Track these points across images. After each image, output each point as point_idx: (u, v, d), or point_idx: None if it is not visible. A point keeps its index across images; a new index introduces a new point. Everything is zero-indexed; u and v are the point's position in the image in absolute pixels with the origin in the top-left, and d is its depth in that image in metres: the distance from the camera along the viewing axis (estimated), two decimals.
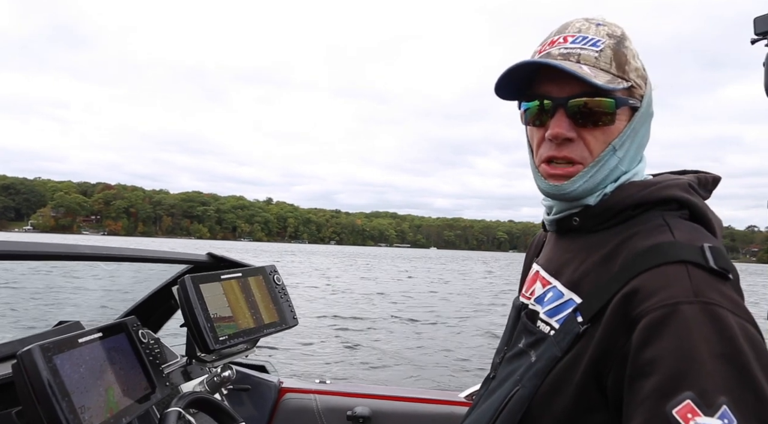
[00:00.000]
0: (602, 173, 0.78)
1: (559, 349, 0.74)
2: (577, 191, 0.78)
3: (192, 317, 1.38)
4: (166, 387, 1.35)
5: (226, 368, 1.53)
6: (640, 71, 0.80)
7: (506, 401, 0.78)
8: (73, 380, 1.01)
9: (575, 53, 0.77)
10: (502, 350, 0.91)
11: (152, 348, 1.37)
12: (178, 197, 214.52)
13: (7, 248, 0.99)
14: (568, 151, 0.78)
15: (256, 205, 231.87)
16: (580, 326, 0.72)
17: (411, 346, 8.51)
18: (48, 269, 9.76)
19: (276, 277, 1.75)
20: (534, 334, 0.81)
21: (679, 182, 0.80)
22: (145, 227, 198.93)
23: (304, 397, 1.89)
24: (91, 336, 1.13)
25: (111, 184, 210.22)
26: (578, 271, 0.78)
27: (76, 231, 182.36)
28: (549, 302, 0.81)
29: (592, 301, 0.72)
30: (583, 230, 0.81)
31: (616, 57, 0.77)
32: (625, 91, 0.77)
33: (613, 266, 0.73)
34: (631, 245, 0.74)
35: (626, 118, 0.79)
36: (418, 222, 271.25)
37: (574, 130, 0.77)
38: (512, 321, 0.92)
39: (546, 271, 0.86)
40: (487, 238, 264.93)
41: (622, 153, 0.79)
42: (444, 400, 1.88)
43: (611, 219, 0.79)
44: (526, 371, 0.77)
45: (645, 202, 0.78)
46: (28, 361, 0.94)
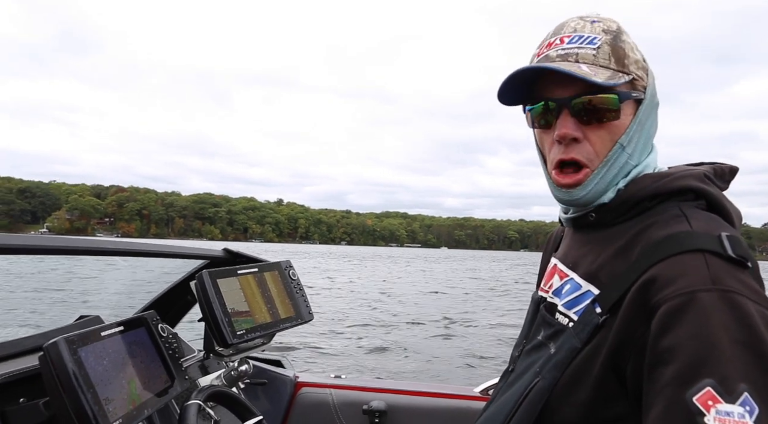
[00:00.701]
0: (612, 172, 0.78)
1: (578, 340, 0.74)
2: (588, 196, 0.79)
3: (210, 312, 1.40)
4: (185, 381, 1.37)
5: (243, 362, 1.55)
6: (640, 63, 0.80)
7: (526, 393, 0.78)
8: (97, 373, 1.03)
9: (573, 53, 0.78)
10: (521, 343, 0.91)
11: (171, 342, 1.39)
12: (190, 199, 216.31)
13: (34, 242, 1.02)
14: (575, 152, 0.78)
15: (267, 206, 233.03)
16: (598, 317, 0.72)
17: (426, 341, 8.51)
18: (67, 265, 9.93)
19: (291, 272, 1.76)
20: (553, 326, 0.81)
21: (694, 172, 0.80)
22: (158, 229, 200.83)
23: (320, 391, 1.91)
24: (113, 330, 1.15)
25: (124, 186, 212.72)
26: (595, 263, 0.79)
27: (90, 233, 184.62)
28: (567, 294, 0.81)
29: (610, 291, 0.73)
30: (600, 224, 0.82)
31: (614, 52, 0.77)
32: (627, 84, 0.78)
33: (630, 257, 0.74)
34: (648, 235, 0.74)
35: (631, 112, 0.79)
36: (429, 222, 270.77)
37: (580, 130, 0.78)
38: (531, 315, 0.92)
39: (563, 264, 0.87)
40: (497, 237, 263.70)
41: (630, 149, 0.79)
42: (459, 394, 1.88)
43: (627, 212, 0.79)
44: (546, 362, 0.77)
45: (660, 194, 0.77)
46: (55, 353, 0.96)
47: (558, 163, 0.80)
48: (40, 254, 1.03)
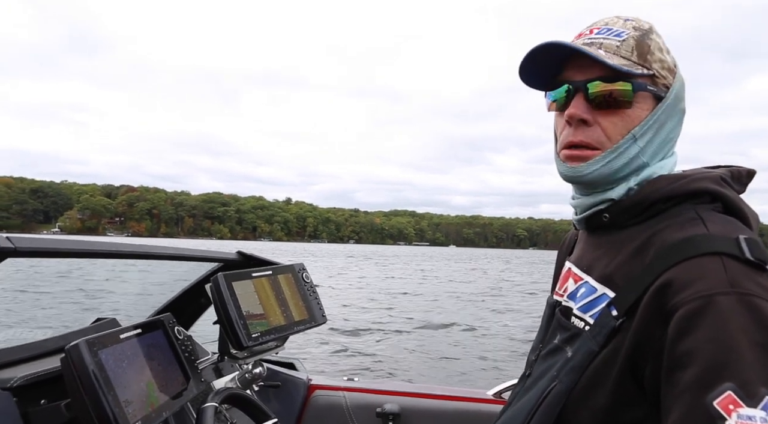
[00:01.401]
0: (620, 161, 0.78)
1: (595, 343, 0.73)
2: (593, 175, 0.79)
3: (225, 314, 1.41)
4: (200, 383, 1.39)
5: (257, 364, 1.56)
6: (666, 64, 0.80)
7: (543, 397, 0.77)
8: (117, 375, 1.04)
9: (597, 42, 0.79)
10: (537, 347, 0.91)
11: (186, 345, 1.40)
12: (199, 198, 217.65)
13: (50, 245, 1.03)
14: (584, 135, 0.79)
15: (276, 205, 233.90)
16: (615, 320, 0.72)
17: (439, 343, 8.49)
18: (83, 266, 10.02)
19: (305, 275, 1.77)
20: (569, 330, 0.80)
21: (710, 175, 0.79)
22: (168, 228, 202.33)
23: (333, 394, 1.91)
24: (131, 332, 1.16)
25: (134, 186, 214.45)
26: (610, 266, 0.78)
27: (101, 232, 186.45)
28: (582, 297, 0.81)
29: (626, 294, 0.72)
30: (614, 226, 0.81)
31: (638, 46, 0.78)
32: (646, 78, 0.77)
33: (644, 259, 0.73)
34: (663, 238, 0.73)
35: (649, 108, 0.78)
36: (437, 220, 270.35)
37: (591, 114, 0.78)
38: (546, 319, 0.92)
39: (578, 267, 0.86)
40: (506, 235, 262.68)
41: (643, 143, 0.78)
42: (472, 397, 1.88)
43: (642, 213, 0.78)
44: (563, 366, 0.77)
45: (675, 195, 0.77)
46: (76, 355, 0.97)
47: (566, 144, 0.81)
48: (56, 258, 1.05)
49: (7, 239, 0.90)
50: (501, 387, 1.85)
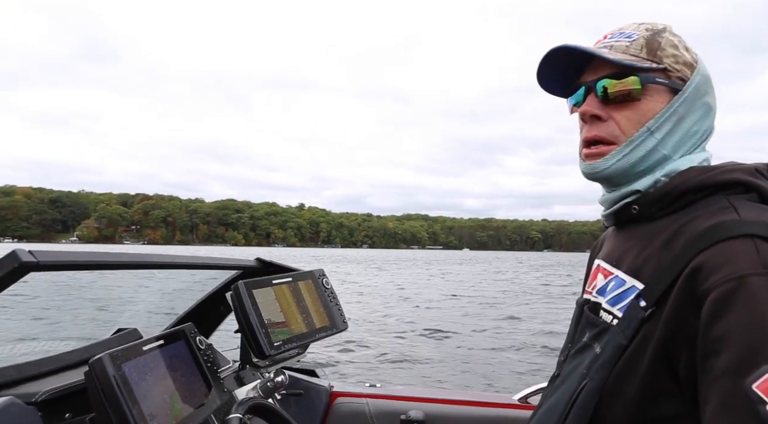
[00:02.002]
0: (638, 153, 0.78)
1: (624, 337, 0.71)
2: (610, 170, 0.79)
3: (247, 323, 1.39)
4: (223, 393, 1.37)
5: (279, 373, 1.54)
6: (681, 58, 0.80)
7: (575, 397, 0.76)
8: (141, 388, 1.03)
9: (608, 45, 0.81)
10: (566, 347, 0.89)
11: (208, 354, 1.39)
12: (213, 206, 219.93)
13: (72, 258, 1.03)
14: (598, 130, 0.80)
15: (289, 211, 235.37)
16: (643, 311, 0.70)
17: (462, 348, 8.41)
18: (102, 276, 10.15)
19: (325, 281, 1.75)
20: (597, 325, 0.79)
21: (743, 166, 0.78)
22: (183, 236, 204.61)
23: (356, 401, 1.89)
24: (154, 344, 1.15)
25: (149, 194, 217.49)
26: (639, 257, 0.77)
27: (117, 241, 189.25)
28: (611, 291, 0.80)
29: (655, 284, 0.71)
30: (643, 219, 0.80)
31: (647, 44, 0.80)
32: (657, 71, 0.78)
33: (674, 248, 0.71)
34: (694, 226, 0.71)
35: (665, 101, 0.78)
36: (450, 223, 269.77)
37: (604, 110, 0.80)
38: (575, 318, 0.90)
39: (607, 262, 0.85)
40: (520, 238, 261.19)
41: (660, 135, 0.78)
42: (498, 403, 1.84)
43: (671, 204, 0.77)
44: (592, 363, 0.75)
45: (706, 186, 0.76)
46: (100, 368, 0.96)
47: (584, 142, 0.83)
48: (78, 270, 1.04)
49: (29, 253, 0.89)
50: (527, 392, 1.81)
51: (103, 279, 9.30)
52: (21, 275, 0.89)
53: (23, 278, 0.93)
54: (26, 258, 0.88)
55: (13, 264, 0.87)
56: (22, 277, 0.90)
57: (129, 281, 7.50)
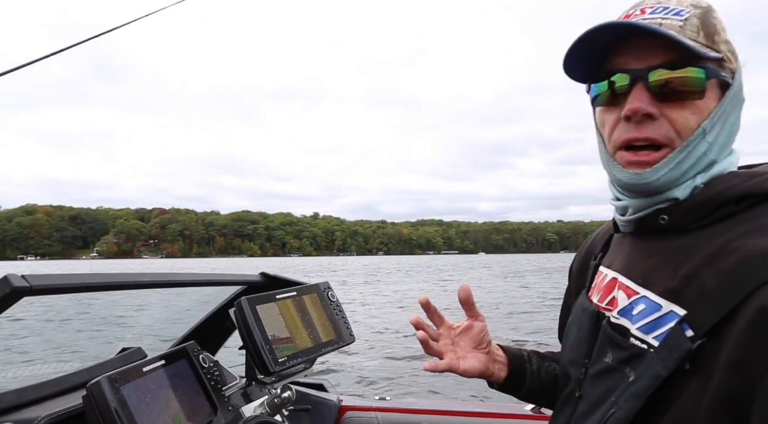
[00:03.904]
0: (690, 160, 0.67)
1: (663, 367, 0.62)
2: (660, 181, 0.67)
3: (251, 340, 1.38)
4: (228, 411, 1.35)
5: (286, 388, 1.52)
6: (730, 46, 0.70)
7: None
8: (141, 410, 1.02)
9: (656, 23, 0.67)
10: (582, 362, 0.79)
11: (212, 372, 1.37)
12: (229, 217, 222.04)
13: (65, 281, 1.02)
14: (649, 131, 0.67)
15: (304, 220, 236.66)
16: (690, 341, 0.60)
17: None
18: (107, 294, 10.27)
19: (330, 294, 1.73)
20: (626, 349, 0.69)
21: None
22: (200, 248, 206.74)
23: (365, 415, 1.86)
24: (155, 364, 1.14)
25: (166, 208, 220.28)
26: (676, 277, 0.66)
27: (136, 255, 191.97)
28: (642, 315, 0.69)
29: (704, 311, 0.61)
30: (671, 230, 0.70)
31: (704, 26, 0.67)
32: (716, 62, 0.67)
33: (723, 269, 0.61)
34: (747, 245, 0.61)
35: (716, 98, 0.68)
36: (465, 228, 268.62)
37: (656, 106, 0.67)
38: (588, 330, 0.80)
39: (628, 278, 0.74)
40: (536, 240, 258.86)
41: (711, 138, 0.67)
42: (509, 413, 1.80)
43: (709, 215, 0.67)
44: (623, 391, 0.67)
45: (752, 195, 0.65)
46: (97, 392, 0.96)
47: (625, 143, 0.69)
48: (72, 293, 1.04)
49: (22, 277, 0.89)
50: None
51: (110, 298, 9.39)
52: (14, 301, 0.89)
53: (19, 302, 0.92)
54: (18, 283, 0.88)
55: (5, 290, 0.86)
56: (16, 302, 0.89)
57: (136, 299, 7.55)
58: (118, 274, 1.12)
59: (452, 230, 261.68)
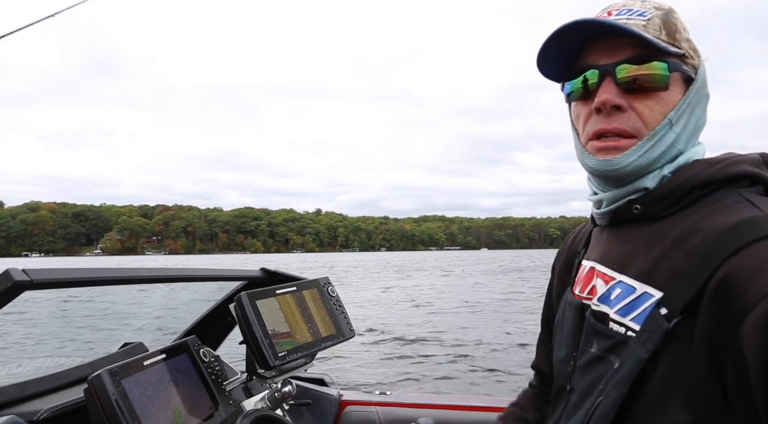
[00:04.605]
0: (658, 149, 0.71)
1: (644, 350, 0.64)
2: (630, 167, 0.71)
3: (251, 335, 1.39)
4: (229, 406, 1.36)
5: (286, 383, 1.53)
6: (692, 44, 0.75)
7: (590, 415, 0.70)
8: (141, 403, 1.03)
9: (621, 23, 0.72)
10: (570, 356, 0.81)
11: (213, 366, 1.38)
12: (232, 214, 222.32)
13: (67, 275, 1.03)
14: (618, 122, 0.72)
15: (306, 217, 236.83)
16: (666, 321, 0.63)
17: (474, 353, 8.33)
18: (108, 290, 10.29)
19: (330, 289, 1.74)
20: (610, 337, 0.71)
21: (749, 158, 0.72)
22: (203, 245, 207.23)
23: (366, 409, 1.87)
24: (156, 358, 1.15)
25: (169, 205, 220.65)
26: (648, 260, 0.69)
27: (140, 252, 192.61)
28: (618, 299, 0.72)
29: (677, 291, 0.64)
30: (644, 219, 0.73)
31: (665, 25, 0.73)
32: (678, 57, 0.72)
33: (691, 250, 0.65)
34: (710, 224, 0.65)
35: (680, 91, 0.73)
36: (467, 224, 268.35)
37: (624, 98, 0.71)
38: (573, 323, 0.82)
39: (604, 266, 0.77)
40: (538, 235, 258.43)
41: (678, 128, 0.72)
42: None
43: (678, 202, 0.71)
44: (610, 379, 0.69)
45: (714, 181, 0.70)
46: (99, 385, 0.97)
47: (596, 134, 0.74)
48: (74, 287, 1.05)
49: (23, 272, 0.90)
50: None
51: (112, 294, 9.44)
52: (15, 295, 0.89)
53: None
54: (20, 277, 0.89)
55: (7, 284, 0.87)
56: (17, 296, 0.90)
57: (138, 295, 7.56)
58: (119, 268, 1.13)
59: (455, 226, 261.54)
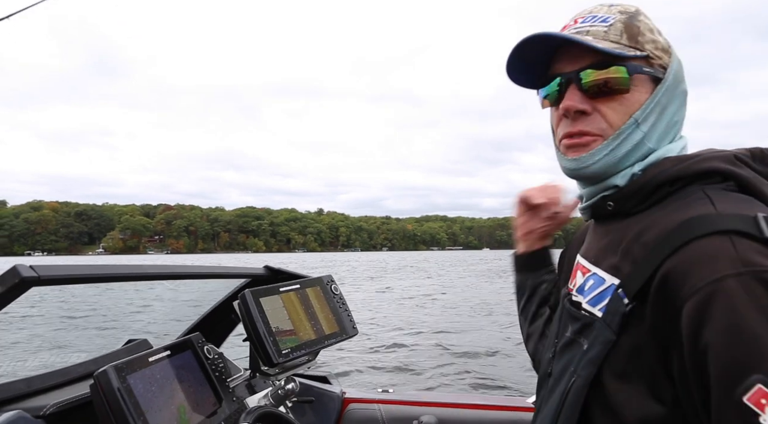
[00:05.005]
0: (625, 147, 0.74)
1: (611, 332, 0.68)
2: (597, 165, 0.75)
3: (254, 332, 1.39)
4: (232, 402, 1.37)
5: (290, 380, 1.53)
6: (659, 44, 0.76)
7: (564, 396, 0.72)
8: (147, 399, 1.04)
9: (584, 30, 0.76)
10: (553, 344, 0.85)
11: (217, 363, 1.39)
12: (234, 213, 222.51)
13: (73, 272, 1.04)
14: (583, 125, 0.75)
15: (308, 216, 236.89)
16: (624, 305, 0.66)
17: (476, 352, 8.33)
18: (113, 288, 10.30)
19: (333, 287, 1.75)
20: (579, 320, 0.75)
21: (721, 154, 0.72)
22: (205, 244, 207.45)
23: (368, 407, 1.88)
24: (160, 355, 1.16)
25: (171, 204, 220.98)
26: (617, 254, 0.73)
27: (142, 251, 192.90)
28: (591, 290, 0.76)
29: (632, 279, 0.67)
30: (619, 214, 0.76)
31: (627, 29, 0.75)
32: (640, 59, 0.74)
33: (646, 241, 0.67)
34: (666, 220, 0.67)
35: (648, 91, 0.75)
36: (469, 223, 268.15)
37: (588, 103, 0.75)
38: (560, 312, 0.86)
39: (586, 259, 0.81)
40: None
41: (646, 127, 0.74)
42: (511, 406, 1.81)
43: (647, 198, 0.73)
44: (580, 359, 0.72)
45: (682, 177, 0.71)
46: (105, 381, 0.97)
47: (564, 137, 0.78)
48: (80, 283, 1.06)
49: (30, 267, 0.91)
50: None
51: (116, 291, 9.46)
52: (23, 290, 0.90)
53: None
54: (27, 273, 0.90)
55: (15, 279, 0.88)
56: (25, 292, 0.91)
57: (142, 292, 7.58)
58: (124, 265, 1.14)
59: (456, 226, 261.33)
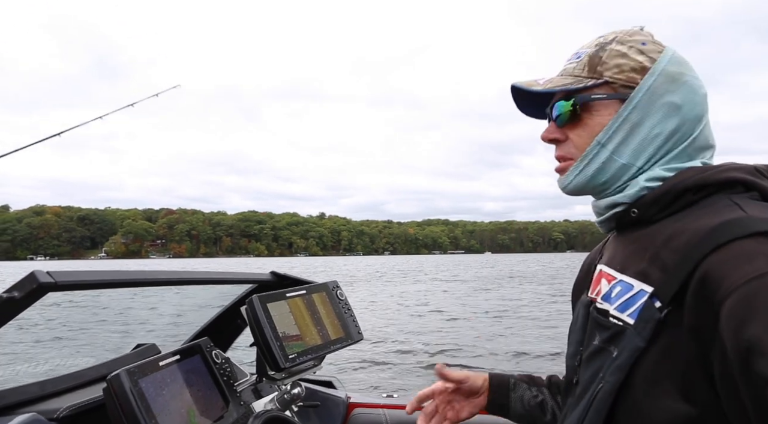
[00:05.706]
0: (593, 167, 0.81)
1: (641, 339, 0.69)
2: (572, 185, 0.84)
3: (262, 337, 1.41)
4: (240, 406, 1.39)
5: (296, 385, 1.55)
6: (627, 66, 0.80)
7: (591, 401, 0.74)
8: (158, 402, 1.06)
9: (563, 70, 0.86)
10: (577, 352, 0.86)
11: (225, 368, 1.41)
12: (236, 218, 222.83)
13: (89, 278, 1.06)
14: (560, 150, 0.86)
15: (310, 220, 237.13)
16: (659, 311, 0.68)
17: (480, 353, 8.33)
18: (120, 293, 10.33)
19: (339, 292, 1.77)
20: (609, 328, 0.77)
21: (742, 166, 0.75)
22: (207, 248, 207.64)
23: (373, 412, 1.89)
24: (170, 359, 1.18)
25: (173, 209, 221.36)
26: (644, 260, 0.74)
27: (144, 255, 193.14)
28: (618, 296, 0.77)
29: (666, 285, 0.68)
30: (643, 222, 0.79)
31: (590, 61, 0.83)
32: (597, 87, 0.81)
33: (677, 247, 0.69)
34: (696, 225, 0.69)
35: (612, 113, 0.80)
36: (471, 227, 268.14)
37: (559, 132, 0.85)
38: (582, 320, 0.88)
39: (610, 267, 0.83)
40: (542, 239, 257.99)
41: (612, 146, 0.80)
42: None
43: (671, 205, 0.76)
44: (609, 367, 0.73)
45: (706, 185, 0.74)
46: (117, 385, 0.99)
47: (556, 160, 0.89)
48: (96, 289, 1.08)
49: (48, 273, 0.93)
50: None
51: (124, 296, 9.48)
52: (40, 296, 0.93)
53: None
54: (44, 279, 0.92)
55: (32, 285, 0.90)
56: (41, 297, 0.93)
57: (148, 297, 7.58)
58: (137, 271, 1.16)
59: (458, 230, 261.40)
